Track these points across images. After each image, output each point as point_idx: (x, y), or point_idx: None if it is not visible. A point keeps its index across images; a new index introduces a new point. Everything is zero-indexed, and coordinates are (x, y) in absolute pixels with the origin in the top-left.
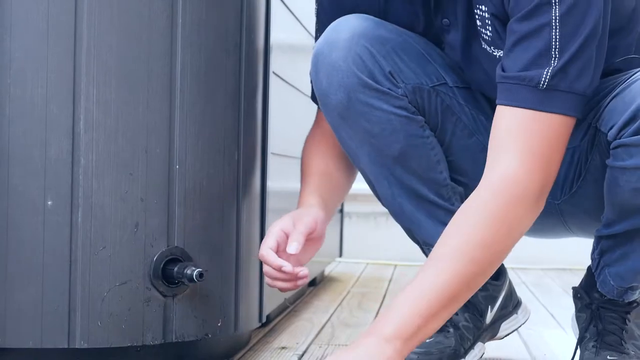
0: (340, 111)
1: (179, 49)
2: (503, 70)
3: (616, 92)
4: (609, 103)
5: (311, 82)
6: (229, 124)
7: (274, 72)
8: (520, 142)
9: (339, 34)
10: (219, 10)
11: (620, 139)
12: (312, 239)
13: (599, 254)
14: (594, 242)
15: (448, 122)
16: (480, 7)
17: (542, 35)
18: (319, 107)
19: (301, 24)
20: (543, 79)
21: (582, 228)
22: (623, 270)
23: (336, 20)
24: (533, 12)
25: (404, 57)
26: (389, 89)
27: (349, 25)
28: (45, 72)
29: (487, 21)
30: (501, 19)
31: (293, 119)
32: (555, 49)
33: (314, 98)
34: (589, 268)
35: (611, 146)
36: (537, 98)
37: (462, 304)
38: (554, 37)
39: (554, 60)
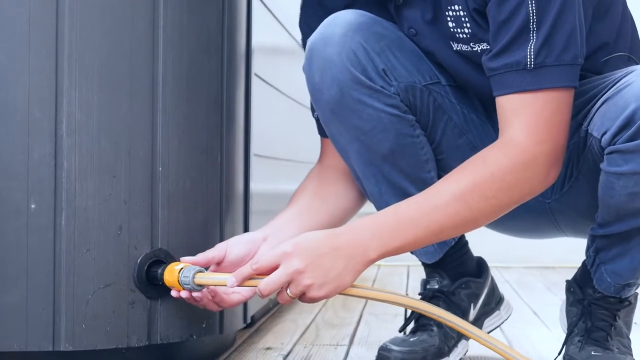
0: (332, 107)
1: (160, 51)
2: (490, 61)
3: (607, 96)
4: (600, 107)
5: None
6: (211, 126)
7: (256, 74)
8: (524, 119)
9: (334, 28)
10: (200, 13)
11: (614, 144)
12: (235, 262)
13: (594, 251)
14: (588, 240)
15: (439, 121)
16: (453, 7)
17: (520, 13)
18: (322, 137)
19: (283, 26)
20: (529, 60)
21: (573, 227)
22: (620, 268)
23: (332, 15)
24: None
25: (398, 55)
26: (381, 86)
27: (345, 20)
28: (27, 75)
29: (463, 19)
30: (482, 11)
31: (275, 121)
32: (533, 23)
33: (321, 131)
34: (583, 263)
35: (605, 151)
36: (528, 79)
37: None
38: (531, 12)
39: (533, 34)
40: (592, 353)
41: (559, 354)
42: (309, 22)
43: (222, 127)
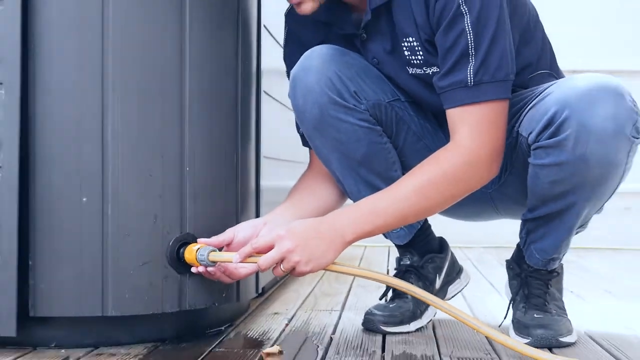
0: (314, 124)
1: (187, 73)
2: (439, 80)
3: (532, 103)
4: (527, 112)
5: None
6: (229, 133)
7: (264, 91)
8: (468, 126)
9: (312, 60)
10: (219, 41)
11: (539, 141)
12: (241, 243)
13: (525, 233)
14: (520, 224)
15: (401, 131)
16: (408, 39)
17: (461, 42)
18: (310, 148)
19: None
20: (469, 79)
21: (509, 211)
22: (545, 246)
23: (310, 49)
24: (451, 23)
25: (365, 79)
26: (354, 105)
27: (321, 54)
28: (80, 93)
29: (417, 48)
30: (432, 41)
31: (280, 129)
32: (471, 49)
33: (304, 143)
34: (518, 245)
35: (532, 147)
36: (470, 94)
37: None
38: (469, 40)
39: (472, 58)
40: (535, 315)
41: (505, 317)
42: (291, 56)
43: (238, 134)
